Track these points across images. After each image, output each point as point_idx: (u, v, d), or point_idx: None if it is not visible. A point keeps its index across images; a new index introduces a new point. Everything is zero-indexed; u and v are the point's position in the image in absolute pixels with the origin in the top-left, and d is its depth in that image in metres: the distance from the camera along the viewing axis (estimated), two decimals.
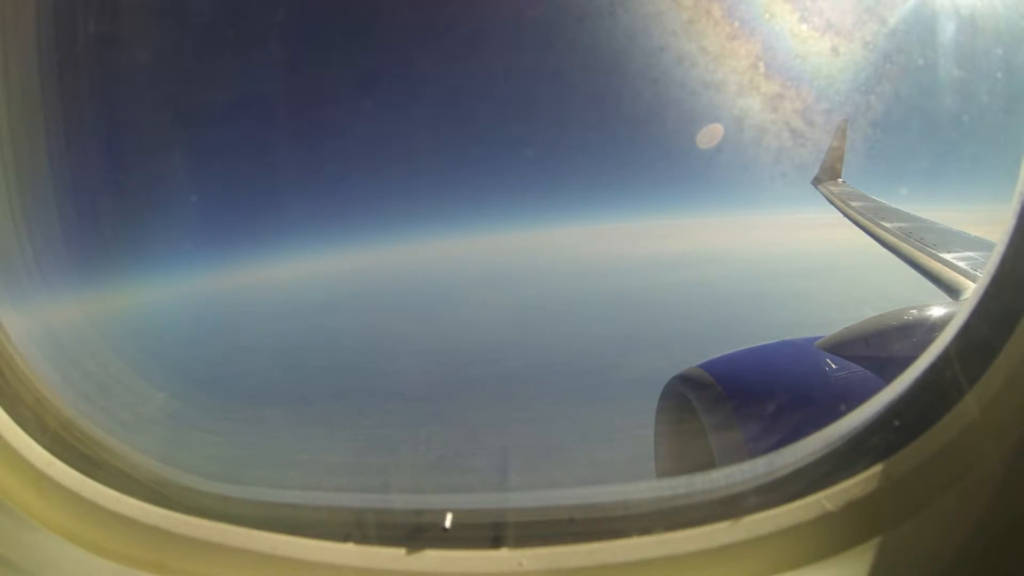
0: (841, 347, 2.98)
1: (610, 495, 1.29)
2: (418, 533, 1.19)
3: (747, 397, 2.88)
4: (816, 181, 7.23)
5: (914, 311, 2.92)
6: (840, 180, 7.15)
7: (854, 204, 6.08)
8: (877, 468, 1.08)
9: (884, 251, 4.83)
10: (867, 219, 5.48)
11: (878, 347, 2.86)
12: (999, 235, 1.06)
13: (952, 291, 3.61)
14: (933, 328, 2.70)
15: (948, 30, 3.29)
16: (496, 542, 1.16)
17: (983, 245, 4.21)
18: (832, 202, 6.52)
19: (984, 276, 1.10)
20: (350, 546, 1.19)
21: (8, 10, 1.60)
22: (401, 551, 1.16)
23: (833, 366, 2.88)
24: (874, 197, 6.36)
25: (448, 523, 1.19)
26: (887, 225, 5.14)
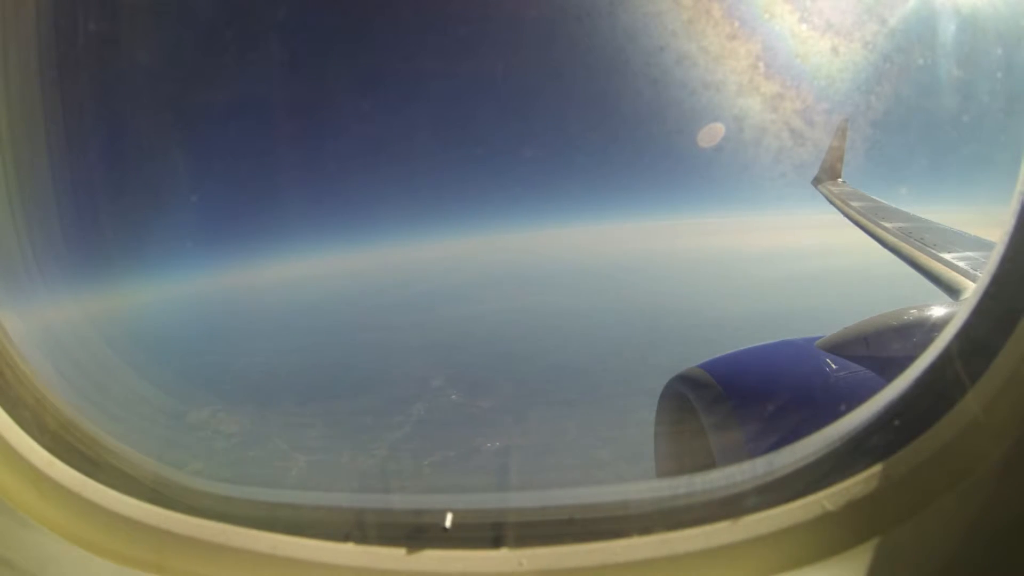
0: (841, 347, 2.97)
1: (610, 495, 1.29)
2: (418, 533, 1.19)
3: (747, 397, 2.88)
4: (816, 181, 7.23)
5: (914, 311, 2.92)
6: (840, 180, 7.15)
7: (854, 204, 6.07)
8: (877, 468, 1.08)
9: (884, 251, 4.83)
10: (867, 219, 5.48)
11: (878, 347, 2.86)
12: (999, 235, 1.06)
13: (952, 291, 3.61)
14: (933, 328, 2.70)
15: (948, 30, 3.29)
16: (496, 542, 1.16)
17: (983, 245, 4.21)
18: (832, 202, 6.52)
19: (984, 276, 1.10)
20: (350, 546, 1.19)
21: (8, 10, 1.60)
22: (401, 551, 1.16)
23: (833, 366, 2.88)
24: (874, 197, 6.36)
25: (448, 523, 1.19)
26: (887, 225, 5.14)
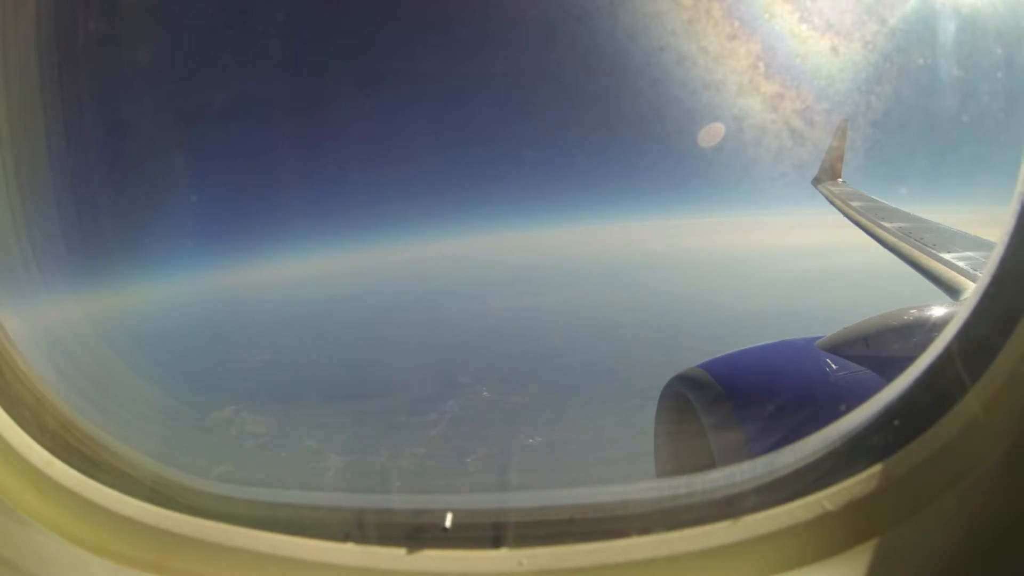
0: (841, 347, 2.98)
1: (610, 495, 1.29)
2: (418, 533, 1.19)
3: (747, 397, 2.88)
4: (816, 181, 7.24)
5: (914, 311, 2.92)
6: (840, 180, 7.16)
7: (854, 204, 6.08)
8: (877, 468, 1.08)
9: (884, 251, 4.83)
10: (867, 219, 5.48)
11: (878, 347, 2.86)
12: (999, 235, 1.06)
13: (952, 291, 3.61)
14: (933, 328, 2.70)
15: (948, 30, 3.30)
16: (496, 542, 1.16)
17: (983, 245, 4.21)
18: (832, 202, 6.53)
19: (984, 276, 1.10)
20: (350, 546, 1.19)
21: (8, 10, 1.60)
22: (401, 551, 1.16)
23: (833, 366, 2.88)
24: (874, 197, 6.36)
25: (448, 523, 1.19)
26: (887, 225, 5.14)
